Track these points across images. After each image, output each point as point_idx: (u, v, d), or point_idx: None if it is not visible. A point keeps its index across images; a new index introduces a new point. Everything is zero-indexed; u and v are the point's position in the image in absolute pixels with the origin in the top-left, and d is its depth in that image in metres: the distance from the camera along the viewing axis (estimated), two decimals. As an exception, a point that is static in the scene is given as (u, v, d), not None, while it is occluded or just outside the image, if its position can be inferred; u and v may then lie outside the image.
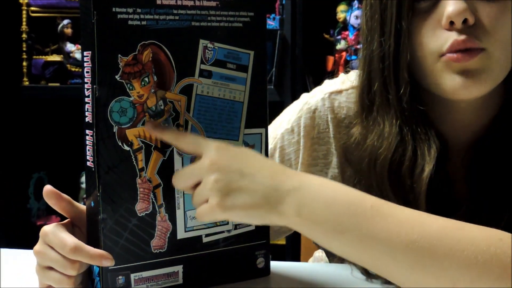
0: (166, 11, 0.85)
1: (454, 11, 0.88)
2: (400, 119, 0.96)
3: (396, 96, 0.95)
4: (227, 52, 0.89)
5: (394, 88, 0.95)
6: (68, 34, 2.70)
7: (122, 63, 0.82)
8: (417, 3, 0.92)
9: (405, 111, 0.95)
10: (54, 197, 0.88)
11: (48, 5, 2.71)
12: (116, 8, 0.81)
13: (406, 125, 0.96)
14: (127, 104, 0.83)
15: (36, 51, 2.73)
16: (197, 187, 0.83)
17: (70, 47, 2.70)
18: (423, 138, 0.95)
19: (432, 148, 0.95)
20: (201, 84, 0.88)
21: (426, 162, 0.94)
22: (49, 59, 2.72)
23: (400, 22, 0.92)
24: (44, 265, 0.86)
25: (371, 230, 0.78)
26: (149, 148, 0.85)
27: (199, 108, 0.88)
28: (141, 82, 0.84)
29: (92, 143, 0.83)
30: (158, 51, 0.85)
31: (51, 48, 2.75)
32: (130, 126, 0.84)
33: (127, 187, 0.84)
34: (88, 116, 0.83)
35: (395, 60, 0.94)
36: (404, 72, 0.93)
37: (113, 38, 0.82)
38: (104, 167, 0.83)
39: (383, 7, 0.94)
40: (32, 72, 2.69)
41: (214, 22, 0.88)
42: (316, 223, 0.79)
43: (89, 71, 0.82)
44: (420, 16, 0.92)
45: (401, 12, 0.92)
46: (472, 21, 0.88)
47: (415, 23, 0.92)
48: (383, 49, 0.95)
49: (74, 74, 2.67)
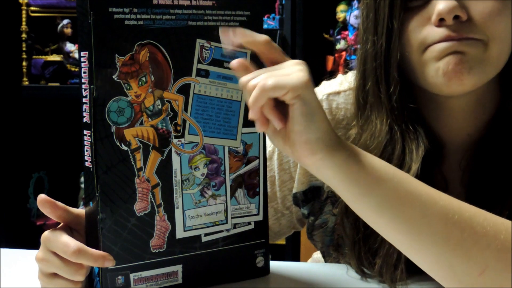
0: (163, 10, 0.85)
1: (444, 8, 0.87)
2: (390, 117, 0.96)
3: (386, 95, 0.95)
4: (224, 51, 0.89)
5: (385, 87, 0.95)
6: (67, 34, 2.71)
7: (119, 63, 0.82)
8: (409, 2, 0.92)
9: (395, 110, 0.95)
10: (49, 206, 0.87)
11: (48, 5, 2.71)
12: (112, 8, 0.81)
13: (396, 123, 0.96)
14: (125, 104, 0.83)
15: (36, 51, 2.73)
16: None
17: (70, 47, 2.70)
18: (412, 137, 0.95)
19: (420, 147, 0.94)
20: (198, 83, 0.88)
21: (413, 161, 0.94)
22: (49, 59, 2.72)
23: (391, 21, 0.92)
24: (48, 272, 0.86)
25: (414, 187, 0.79)
26: (147, 147, 0.85)
27: (197, 107, 0.88)
28: (139, 82, 0.84)
29: (90, 143, 0.83)
30: (155, 51, 0.85)
31: (51, 48, 2.76)
32: (128, 126, 0.84)
33: (126, 187, 0.84)
34: (86, 116, 0.83)
35: (386, 59, 0.94)
36: (394, 71, 0.93)
37: (110, 38, 0.82)
38: (102, 167, 0.83)
39: (377, 6, 0.94)
40: (32, 72, 2.69)
41: (210, 22, 0.88)
42: (363, 169, 0.80)
43: (87, 71, 0.82)
44: (411, 14, 0.92)
45: (393, 11, 0.92)
46: (465, 17, 0.88)
47: (405, 21, 0.92)
48: (375, 48, 0.95)
49: (73, 74, 2.67)
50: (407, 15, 0.92)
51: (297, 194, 1.10)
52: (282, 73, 0.78)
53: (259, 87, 0.77)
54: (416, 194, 0.78)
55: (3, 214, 2.63)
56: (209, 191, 0.91)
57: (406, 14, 0.92)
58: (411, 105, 0.96)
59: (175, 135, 0.87)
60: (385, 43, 0.93)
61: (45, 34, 2.74)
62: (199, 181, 0.90)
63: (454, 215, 0.76)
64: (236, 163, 0.93)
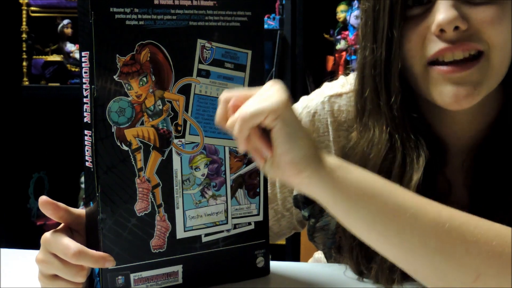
0: (164, 11, 0.85)
1: (444, 19, 0.86)
2: (391, 126, 0.95)
3: (387, 104, 0.94)
4: (224, 51, 0.89)
5: (385, 96, 0.94)
6: (68, 34, 2.70)
7: (120, 63, 0.82)
8: (409, 10, 0.90)
9: (396, 119, 0.95)
10: (50, 208, 0.88)
11: (48, 5, 2.70)
12: (113, 8, 0.81)
13: (396, 132, 0.95)
14: (126, 104, 0.83)
15: (36, 51, 2.73)
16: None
17: (70, 47, 2.70)
18: (413, 146, 0.95)
19: (421, 157, 0.94)
20: (199, 83, 0.88)
21: (414, 171, 0.93)
22: (49, 59, 2.72)
23: (391, 30, 0.91)
24: (48, 274, 0.86)
25: (403, 199, 0.78)
26: (148, 148, 0.85)
27: (198, 107, 0.88)
28: (139, 82, 0.84)
29: (90, 143, 0.83)
30: (156, 51, 0.85)
31: (51, 48, 2.75)
32: (128, 126, 0.84)
33: (126, 187, 0.84)
34: (86, 116, 0.83)
35: (386, 68, 0.93)
36: (395, 80, 0.93)
37: (111, 38, 0.82)
38: (103, 167, 0.83)
39: (376, 15, 0.93)
40: (32, 72, 2.69)
41: (211, 22, 0.88)
42: (350, 184, 0.79)
43: (87, 71, 0.82)
44: (411, 23, 0.91)
45: (393, 20, 0.91)
46: (464, 27, 0.87)
47: (406, 30, 0.91)
48: (375, 56, 0.94)
49: (74, 74, 2.66)
50: (406, 24, 0.91)
51: (298, 196, 1.10)
52: (259, 99, 0.78)
53: (240, 119, 0.77)
54: (406, 207, 0.78)
55: (3, 214, 2.63)
56: (209, 191, 0.91)
57: (405, 23, 0.91)
58: (413, 114, 0.96)
59: (175, 135, 0.87)
60: (385, 52, 0.92)
61: (45, 34, 2.73)
62: (200, 181, 0.90)
63: (444, 225, 0.76)
64: (236, 163, 0.93)
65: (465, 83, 0.89)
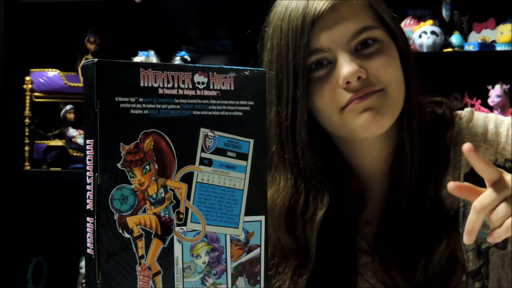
0: (168, 100, 0.86)
1: (348, 73, 1.05)
2: (295, 173, 1.11)
3: (293, 154, 1.09)
4: (227, 140, 0.90)
5: (291, 148, 1.10)
6: (70, 119, 2.73)
7: (124, 151, 0.83)
8: (312, 73, 1.06)
9: (299, 167, 1.09)
10: None
11: (52, 91, 2.74)
12: (119, 98, 0.83)
13: (300, 177, 1.11)
14: (128, 192, 0.84)
15: (38, 135, 2.75)
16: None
17: (72, 132, 2.72)
18: (318, 188, 1.10)
19: (325, 197, 1.09)
20: (201, 172, 0.89)
21: (318, 208, 1.08)
22: (51, 144, 2.74)
23: (296, 91, 1.06)
24: None
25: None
26: (149, 235, 0.85)
27: (200, 195, 0.89)
28: (142, 170, 0.85)
29: (92, 230, 0.83)
30: (159, 139, 0.86)
31: (53, 132, 2.78)
32: (130, 214, 0.84)
33: (127, 274, 0.84)
34: (89, 203, 0.83)
35: (292, 123, 1.08)
36: (301, 132, 1.08)
37: (116, 127, 0.83)
38: (104, 254, 0.83)
39: (279, 83, 1.08)
40: (34, 156, 2.70)
41: (214, 111, 0.90)
42: None
43: (91, 158, 0.83)
44: (318, 82, 1.08)
45: (297, 84, 1.06)
46: (365, 76, 1.06)
47: (313, 88, 1.08)
48: (280, 117, 1.09)
49: (75, 159, 2.68)
50: (314, 83, 1.08)
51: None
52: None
53: (505, 229, 0.87)
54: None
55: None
56: (210, 279, 0.90)
57: (312, 84, 1.08)
58: (316, 162, 1.10)
59: (177, 223, 0.87)
60: (291, 110, 1.07)
61: (47, 119, 2.76)
62: (201, 269, 0.90)
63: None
64: (237, 252, 0.92)
65: (370, 108, 1.06)
